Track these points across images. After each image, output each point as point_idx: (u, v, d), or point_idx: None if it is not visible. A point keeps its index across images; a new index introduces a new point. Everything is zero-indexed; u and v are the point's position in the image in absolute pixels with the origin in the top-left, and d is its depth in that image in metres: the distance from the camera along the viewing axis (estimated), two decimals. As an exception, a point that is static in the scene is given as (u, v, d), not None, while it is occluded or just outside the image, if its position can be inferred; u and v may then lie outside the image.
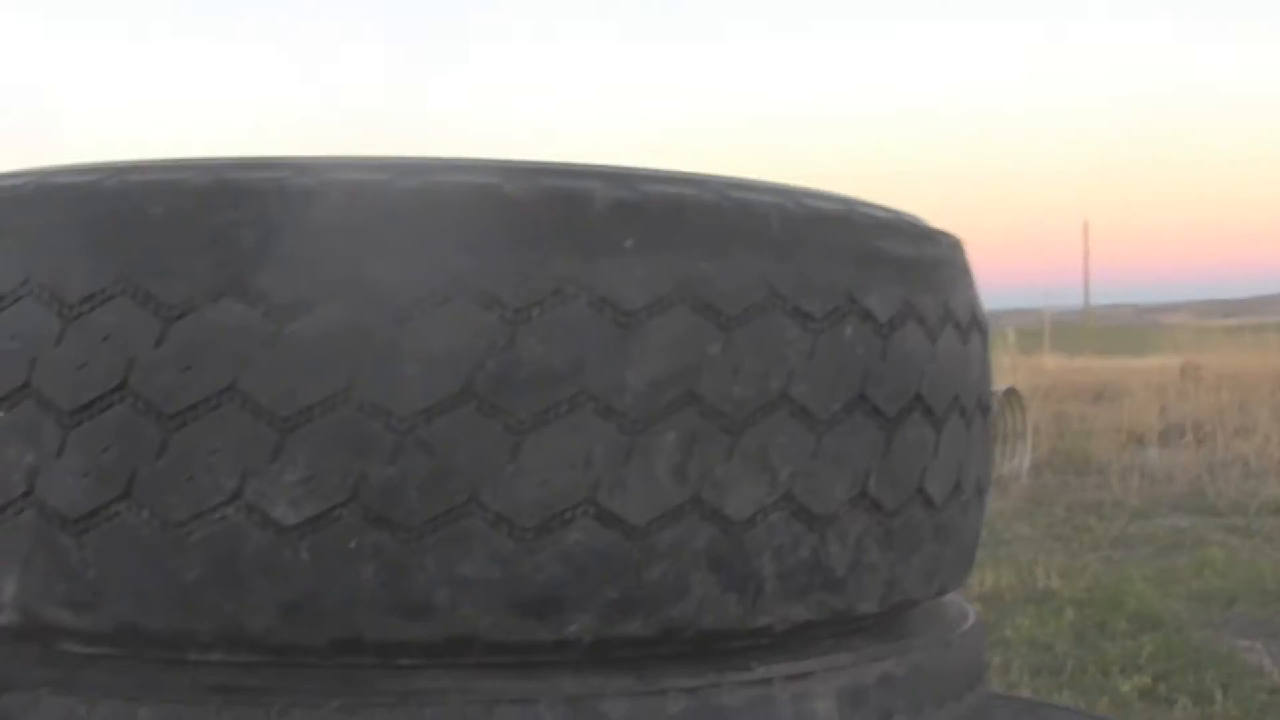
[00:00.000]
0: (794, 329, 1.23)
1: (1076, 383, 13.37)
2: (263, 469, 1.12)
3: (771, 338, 1.22)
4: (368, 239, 1.14)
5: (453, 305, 1.13)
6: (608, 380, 1.15)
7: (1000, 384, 7.30)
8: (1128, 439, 7.94)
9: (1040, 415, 8.42)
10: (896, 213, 1.42)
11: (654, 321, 1.17)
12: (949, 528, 1.41)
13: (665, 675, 1.20)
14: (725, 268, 1.21)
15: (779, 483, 1.22)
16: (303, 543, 1.12)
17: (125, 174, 1.20)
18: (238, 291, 1.13)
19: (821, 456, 1.24)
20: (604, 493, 1.15)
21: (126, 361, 1.13)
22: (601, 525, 1.16)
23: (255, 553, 1.12)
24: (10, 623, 1.19)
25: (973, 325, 1.48)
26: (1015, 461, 6.26)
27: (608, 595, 1.17)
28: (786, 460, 1.22)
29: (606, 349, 1.15)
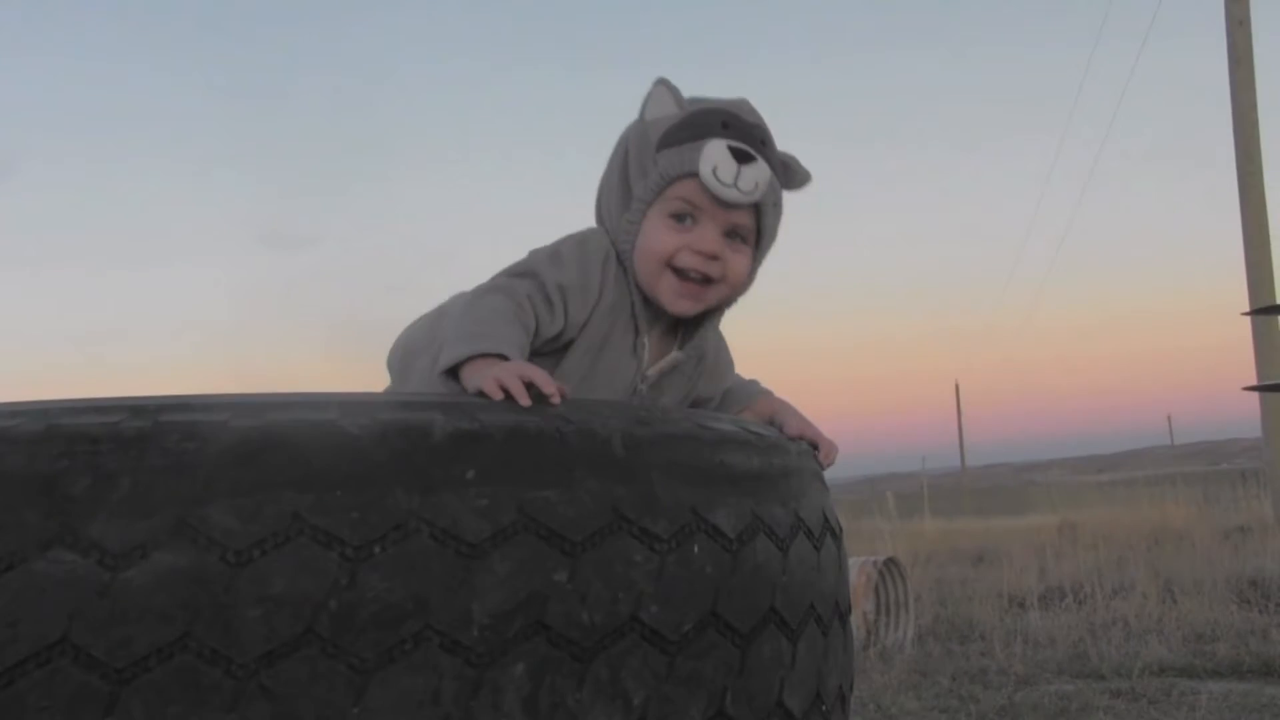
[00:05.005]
0: (641, 551, 1.22)
1: (956, 546, 13.45)
2: (97, 725, 1.07)
3: (618, 561, 1.21)
4: (204, 481, 1.12)
5: (292, 545, 1.11)
6: (453, 614, 1.13)
7: (881, 553, 7.33)
8: (1009, 603, 7.97)
9: (922, 582, 8.45)
10: (742, 425, 1.42)
11: (498, 552, 1.16)
12: (811, 740, 1.40)
13: None
14: (568, 493, 1.21)
15: (633, 709, 1.20)
16: (138, 802, 1.07)
17: (-49, 420, 1.17)
18: (69, 540, 1.10)
19: (675, 679, 1.23)
20: (453, 730, 1.12)
21: (-50, 618, 1.09)
22: (453, 763, 1.12)
23: (87, 815, 1.07)
24: None
25: (825, 531, 1.48)
26: (899, 633, 6.25)
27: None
28: (639, 685, 1.21)
29: (451, 582, 1.14)
